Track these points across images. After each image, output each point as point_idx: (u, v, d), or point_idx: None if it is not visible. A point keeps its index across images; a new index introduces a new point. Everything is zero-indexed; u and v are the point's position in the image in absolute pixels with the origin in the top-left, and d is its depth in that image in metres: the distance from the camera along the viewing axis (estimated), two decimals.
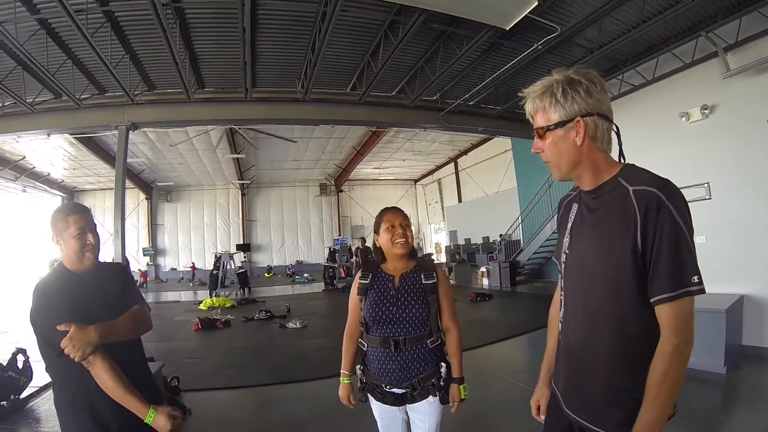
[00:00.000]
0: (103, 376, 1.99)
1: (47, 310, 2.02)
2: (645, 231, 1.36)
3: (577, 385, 1.63)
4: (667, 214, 1.34)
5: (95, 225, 2.25)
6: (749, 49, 6.36)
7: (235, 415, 5.26)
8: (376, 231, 2.59)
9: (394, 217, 2.53)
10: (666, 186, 1.39)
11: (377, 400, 2.48)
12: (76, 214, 2.16)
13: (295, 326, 10.14)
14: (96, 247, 2.21)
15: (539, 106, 1.56)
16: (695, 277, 1.33)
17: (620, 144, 1.63)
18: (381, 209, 2.64)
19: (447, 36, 7.68)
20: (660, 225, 1.34)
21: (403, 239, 2.47)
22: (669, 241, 1.33)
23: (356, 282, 2.56)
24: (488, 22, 6.47)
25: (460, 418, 4.52)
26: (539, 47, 7.42)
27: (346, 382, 2.59)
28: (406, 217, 2.57)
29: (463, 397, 2.44)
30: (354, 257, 13.15)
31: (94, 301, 2.15)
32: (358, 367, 2.56)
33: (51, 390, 6.17)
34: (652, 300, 1.38)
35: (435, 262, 2.62)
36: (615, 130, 1.56)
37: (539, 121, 1.57)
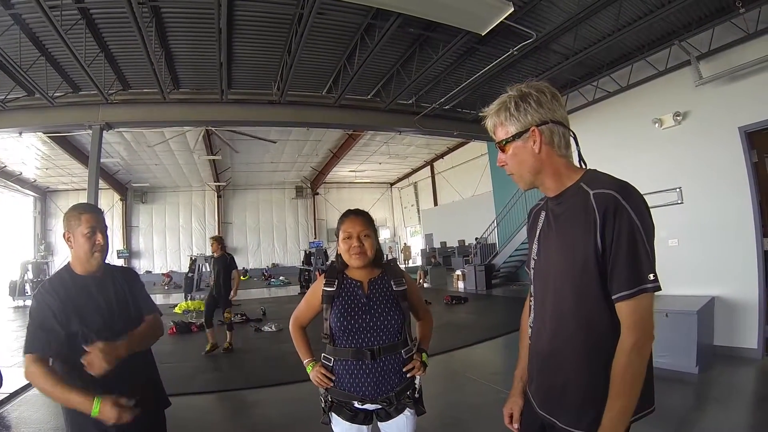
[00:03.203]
0: (35, 381, 2.01)
1: (38, 311, 2.11)
2: (604, 231, 1.42)
3: (549, 385, 1.67)
4: (624, 215, 1.39)
5: (106, 227, 2.38)
6: (721, 58, 6.50)
7: (210, 419, 5.22)
8: (337, 236, 2.39)
9: (352, 225, 2.32)
10: (624, 188, 1.45)
11: (345, 420, 2.25)
12: (89, 214, 2.28)
13: (270, 330, 10.08)
14: (104, 249, 2.33)
15: (497, 122, 1.69)
16: (651, 275, 1.39)
17: (578, 149, 1.72)
18: (345, 211, 2.44)
19: (423, 40, 7.69)
20: (618, 225, 1.40)
21: (359, 253, 2.28)
22: (626, 241, 1.39)
23: (319, 288, 2.37)
24: (464, 27, 6.48)
25: (435, 422, 4.55)
26: (515, 53, 7.46)
27: (313, 365, 2.38)
28: (367, 225, 2.35)
29: (424, 359, 2.37)
30: (211, 270, 9.35)
31: (90, 304, 2.23)
32: None
33: (21, 396, 5.99)
34: (613, 297, 1.43)
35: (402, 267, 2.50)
36: (572, 135, 1.66)
37: (499, 135, 1.70)
